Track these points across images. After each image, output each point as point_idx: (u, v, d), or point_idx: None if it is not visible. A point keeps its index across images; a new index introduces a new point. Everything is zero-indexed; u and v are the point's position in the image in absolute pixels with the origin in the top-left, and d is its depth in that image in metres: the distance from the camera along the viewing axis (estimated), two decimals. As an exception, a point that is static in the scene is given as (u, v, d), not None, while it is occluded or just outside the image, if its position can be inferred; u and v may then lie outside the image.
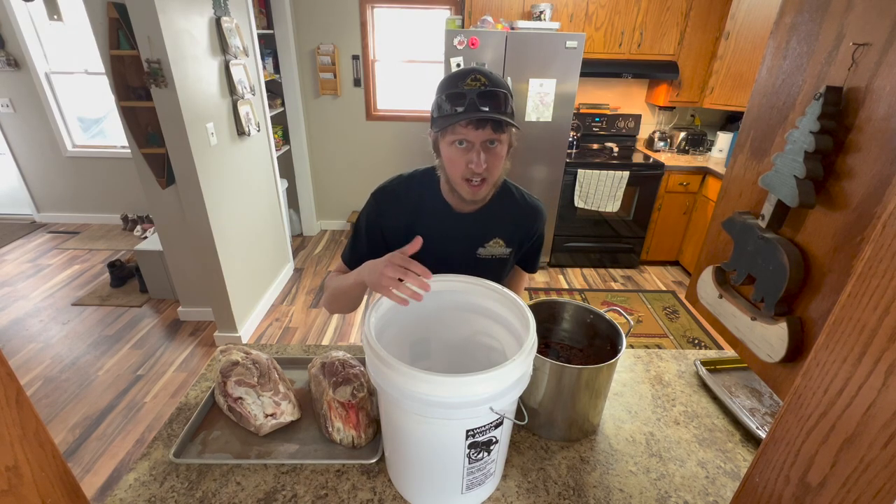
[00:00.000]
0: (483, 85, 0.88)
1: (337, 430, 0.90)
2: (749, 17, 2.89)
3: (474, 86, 0.88)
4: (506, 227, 1.09)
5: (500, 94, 0.89)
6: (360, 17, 3.50)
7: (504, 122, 0.89)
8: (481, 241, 1.08)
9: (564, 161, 3.25)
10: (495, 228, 1.09)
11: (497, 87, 0.89)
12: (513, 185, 1.13)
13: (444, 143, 0.94)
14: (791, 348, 0.64)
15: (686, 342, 2.81)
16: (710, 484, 0.87)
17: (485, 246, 1.09)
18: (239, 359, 1.00)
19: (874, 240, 0.41)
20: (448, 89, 0.90)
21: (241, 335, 2.63)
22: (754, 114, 0.77)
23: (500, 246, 1.10)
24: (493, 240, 1.09)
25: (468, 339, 0.95)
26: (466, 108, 0.88)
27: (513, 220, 1.10)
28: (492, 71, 0.92)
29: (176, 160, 2.15)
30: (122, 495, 0.82)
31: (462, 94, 0.88)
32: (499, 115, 0.88)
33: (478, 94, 0.87)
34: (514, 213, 1.10)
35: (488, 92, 0.88)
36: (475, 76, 0.89)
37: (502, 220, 1.09)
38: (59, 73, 3.85)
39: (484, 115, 0.87)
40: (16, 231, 4.13)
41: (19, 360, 2.50)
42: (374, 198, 1.08)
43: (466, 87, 0.88)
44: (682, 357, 1.23)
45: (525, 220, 1.12)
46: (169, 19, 1.95)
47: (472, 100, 0.87)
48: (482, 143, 0.91)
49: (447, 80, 0.92)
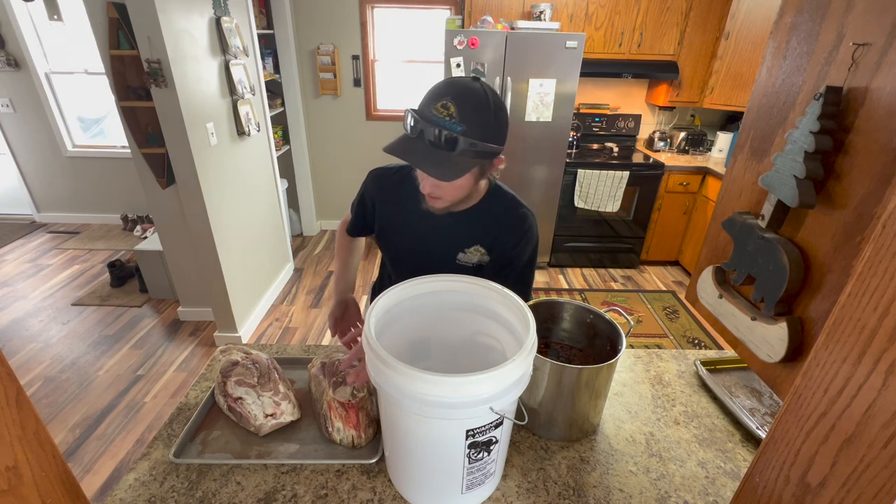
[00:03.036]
0: (449, 116, 0.82)
1: (337, 430, 0.90)
2: (749, 17, 2.89)
3: (441, 114, 0.82)
4: (489, 233, 1.04)
5: (448, 138, 0.82)
6: (360, 17, 3.50)
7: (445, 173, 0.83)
8: (462, 245, 1.05)
9: (564, 161, 3.25)
10: (478, 234, 1.04)
11: (463, 121, 0.82)
12: (506, 192, 1.06)
13: None
14: (791, 348, 0.64)
15: (686, 342, 2.81)
16: (710, 484, 0.87)
17: (465, 252, 1.06)
18: (239, 359, 1.00)
19: (874, 240, 0.41)
20: (420, 105, 0.86)
21: (241, 335, 2.63)
22: (754, 114, 0.77)
23: (480, 253, 1.06)
24: (475, 246, 1.05)
25: (468, 339, 0.95)
26: (413, 148, 0.84)
27: (501, 231, 1.04)
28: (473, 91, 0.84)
29: (176, 160, 2.15)
30: (122, 495, 0.82)
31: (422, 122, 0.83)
32: (443, 168, 0.83)
33: (434, 134, 0.82)
34: (504, 223, 1.04)
35: (438, 131, 0.82)
36: (445, 102, 0.82)
37: (486, 226, 1.04)
38: (59, 73, 3.85)
39: (424, 167, 0.84)
40: (16, 231, 4.13)
41: (19, 360, 2.50)
42: (367, 181, 1.13)
43: (434, 112, 0.83)
44: (682, 357, 1.23)
45: (514, 232, 1.04)
46: (169, 19, 1.95)
47: (420, 132, 0.83)
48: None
49: (427, 94, 0.86)
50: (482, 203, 1.03)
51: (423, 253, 1.08)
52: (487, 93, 0.85)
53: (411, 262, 1.12)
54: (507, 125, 0.91)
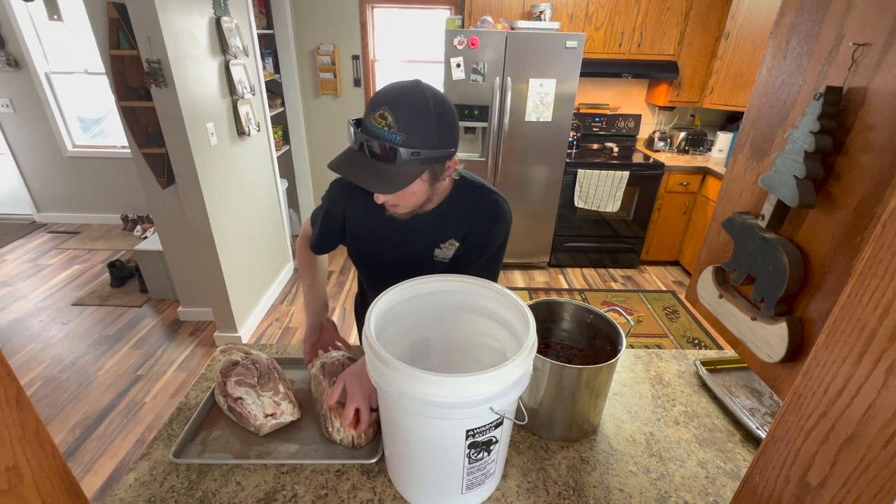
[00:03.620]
0: (388, 126, 0.79)
1: (337, 430, 0.90)
2: (749, 17, 2.89)
3: (380, 125, 0.80)
4: (463, 227, 1.03)
5: (388, 149, 0.80)
6: (360, 17, 3.50)
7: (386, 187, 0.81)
8: (437, 242, 1.04)
9: (564, 161, 3.25)
10: (451, 229, 1.03)
11: (401, 130, 0.79)
12: (473, 182, 1.04)
13: None
14: (791, 348, 0.64)
15: (686, 342, 2.81)
16: (710, 484, 0.87)
17: (440, 247, 1.05)
18: (239, 359, 1.00)
19: (874, 240, 0.41)
20: (364, 114, 0.83)
21: (241, 335, 2.63)
22: (754, 114, 0.77)
23: (455, 247, 1.05)
24: (449, 240, 1.04)
25: (468, 339, 0.95)
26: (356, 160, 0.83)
27: (475, 222, 1.02)
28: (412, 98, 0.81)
29: (176, 160, 2.15)
30: (122, 495, 0.82)
31: (363, 134, 0.81)
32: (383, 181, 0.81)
33: (375, 145, 0.80)
34: (475, 214, 1.02)
35: (378, 143, 0.80)
36: (383, 112, 0.79)
37: (461, 222, 1.02)
38: (59, 73, 3.85)
39: (365, 182, 0.82)
40: (16, 231, 4.13)
41: (19, 360, 2.50)
42: (334, 184, 1.08)
43: (373, 123, 0.80)
44: (682, 357, 1.23)
45: (485, 220, 1.02)
46: (169, 19, 1.95)
47: (361, 145, 0.82)
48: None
49: (368, 104, 0.83)
50: (450, 198, 1.01)
51: (399, 255, 1.08)
52: (427, 97, 0.81)
53: (388, 265, 1.11)
54: (456, 125, 0.87)
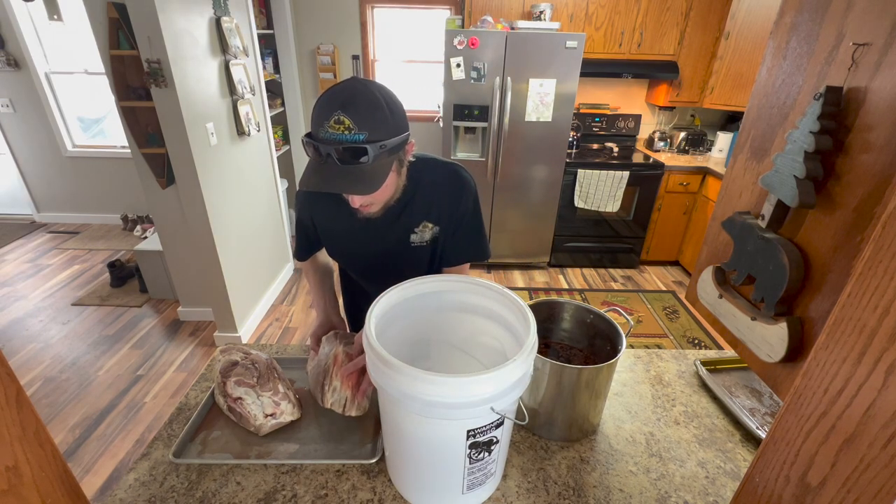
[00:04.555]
0: (347, 129, 0.79)
1: (333, 388, 0.88)
2: (749, 17, 2.89)
3: (338, 130, 0.79)
4: (432, 205, 1.04)
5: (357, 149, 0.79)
6: (360, 17, 3.50)
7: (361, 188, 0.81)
8: (412, 227, 1.05)
9: (564, 161, 3.25)
10: (423, 212, 1.04)
11: (362, 128, 0.79)
12: (426, 159, 1.05)
13: None
14: (791, 348, 0.64)
15: (686, 342, 2.81)
16: (710, 484, 0.87)
17: (415, 232, 1.06)
18: (238, 359, 1.00)
19: (874, 240, 0.41)
20: (313, 127, 0.83)
21: (241, 335, 2.63)
22: (754, 114, 0.77)
23: (429, 228, 1.06)
24: (422, 223, 1.05)
25: (468, 339, 0.95)
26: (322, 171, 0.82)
27: (439, 197, 1.04)
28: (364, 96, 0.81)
29: (176, 160, 2.15)
30: (122, 495, 0.82)
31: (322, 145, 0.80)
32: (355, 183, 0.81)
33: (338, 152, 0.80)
34: (439, 190, 1.04)
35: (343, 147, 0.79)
36: (339, 117, 0.78)
37: (429, 200, 1.03)
38: (59, 73, 3.85)
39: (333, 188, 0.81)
40: (16, 231, 4.13)
41: (19, 360, 2.50)
42: (299, 194, 1.10)
43: (330, 130, 0.79)
44: (682, 357, 1.23)
45: (451, 193, 1.04)
46: (169, 19, 1.95)
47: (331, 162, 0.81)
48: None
49: (314, 114, 0.82)
50: (410, 182, 1.01)
51: (377, 250, 1.09)
52: (372, 89, 0.82)
53: (368, 261, 1.13)
54: (403, 109, 0.88)
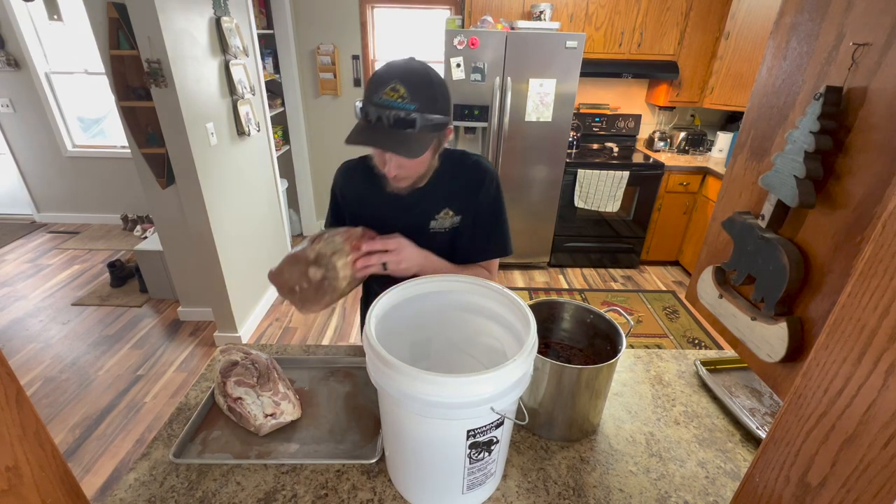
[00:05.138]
0: (401, 98, 0.86)
1: (343, 265, 0.90)
2: (749, 17, 2.89)
3: (392, 97, 0.86)
4: (454, 194, 1.09)
5: (407, 118, 0.87)
6: (360, 17, 3.50)
7: (411, 149, 0.88)
8: (432, 213, 1.09)
9: (564, 161, 3.25)
10: (445, 199, 1.09)
11: (415, 100, 0.87)
12: (453, 150, 1.11)
13: None
14: (791, 348, 0.64)
15: (686, 342, 2.81)
16: (710, 484, 0.87)
17: (436, 218, 1.09)
18: (238, 359, 1.00)
19: (874, 240, 0.41)
20: (368, 94, 0.90)
21: (241, 335, 2.64)
22: (754, 114, 0.77)
23: (450, 217, 1.10)
24: (444, 210, 1.09)
25: (468, 339, 0.95)
26: (374, 131, 0.88)
27: (462, 186, 1.09)
28: (418, 73, 0.89)
29: (176, 160, 2.15)
30: (122, 495, 0.82)
31: (376, 108, 0.87)
32: (405, 145, 0.88)
33: (392, 116, 0.86)
34: (463, 179, 1.09)
35: (402, 117, 0.86)
36: (395, 86, 0.86)
37: (452, 189, 1.08)
38: (59, 73, 3.85)
39: (388, 147, 0.89)
40: (16, 231, 4.13)
41: (19, 360, 2.50)
42: (336, 175, 1.18)
43: (385, 97, 0.87)
44: (682, 357, 1.23)
45: (473, 182, 1.09)
46: (169, 19, 1.95)
47: (383, 122, 0.87)
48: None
49: (371, 83, 0.90)
50: (443, 168, 1.07)
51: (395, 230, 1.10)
52: (428, 70, 0.91)
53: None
54: (450, 96, 0.95)
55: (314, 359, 1.14)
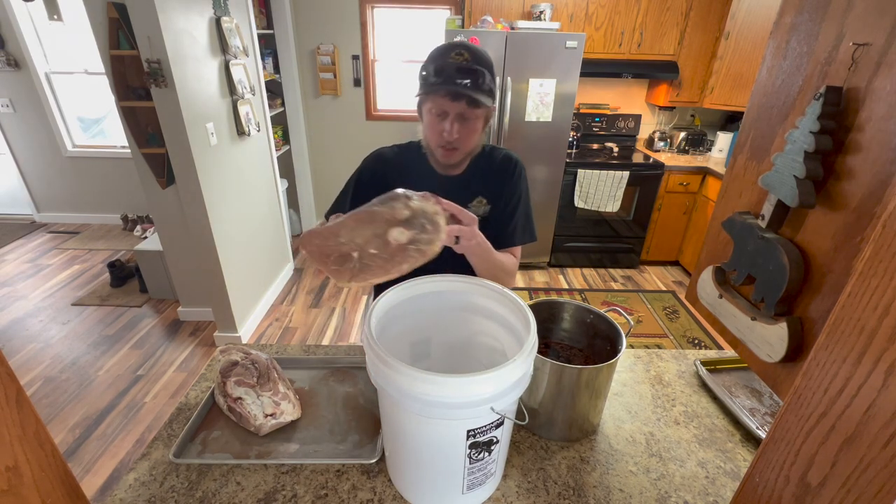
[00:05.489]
0: (466, 60, 0.95)
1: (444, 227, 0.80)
2: (749, 17, 2.89)
3: (458, 60, 0.95)
4: (487, 184, 1.15)
5: (480, 71, 0.96)
6: (360, 17, 3.50)
7: (477, 98, 0.96)
8: (465, 202, 1.12)
9: (564, 161, 3.25)
10: (478, 188, 1.14)
11: (477, 65, 0.96)
12: (486, 145, 1.18)
13: (425, 109, 1.04)
14: (791, 348, 0.64)
15: (686, 342, 2.81)
16: (710, 484, 0.87)
17: (469, 206, 1.13)
18: (238, 359, 1.00)
19: (874, 240, 0.41)
20: (434, 59, 0.98)
21: (241, 335, 2.64)
22: (754, 114, 0.77)
23: (482, 205, 1.15)
24: (477, 199, 1.14)
25: (468, 339, 0.95)
26: (445, 80, 0.96)
27: (493, 176, 1.15)
28: (479, 48, 0.99)
29: (176, 160, 2.15)
30: (122, 495, 0.82)
31: (444, 67, 0.95)
32: (475, 90, 0.96)
33: (458, 68, 0.95)
34: (494, 169, 1.15)
35: (469, 68, 0.95)
36: (460, 51, 0.96)
37: (484, 179, 1.15)
38: (59, 73, 3.85)
39: (459, 89, 0.95)
40: (16, 231, 4.13)
41: (19, 360, 2.50)
42: (366, 160, 1.20)
43: (451, 59, 0.95)
44: (682, 357, 1.23)
45: (503, 172, 1.15)
46: (169, 19, 1.95)
47: (451, 73, 0.95)
48: (457, 114, 0.99)
49: (435, 51, 0.99)
50: (478, 159, 1.15)
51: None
52: (481, 49, 1.01)
53: None
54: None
55: (314, 359, 1.14)
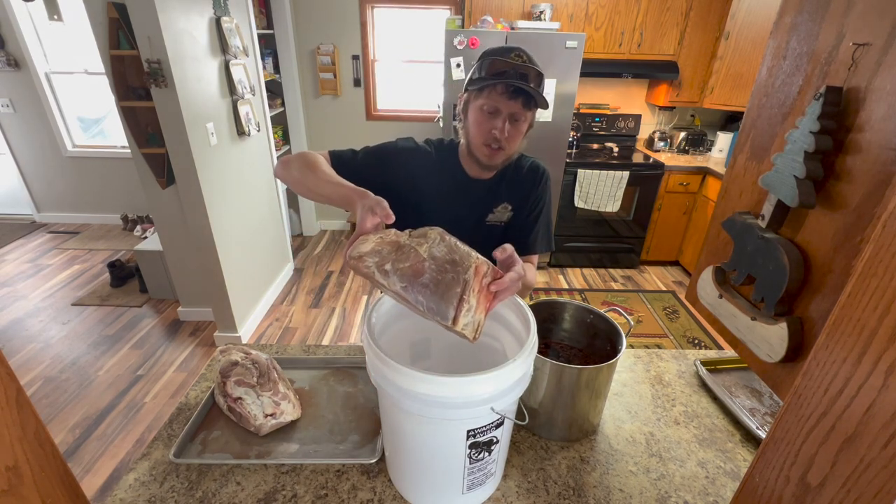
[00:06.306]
0: (524, 62, 0.97)
1: (468, 308, 0.65)
2: (749, 17, 2.89)
3: (517, 61, 0.96)
4: (513, 191, 1.15)
5: (538, 74, 0.98)
6: (360, 17, 3.50)
7: (535, 98, 0.97)
8: (491, 206, 1.14)
9: (564, 161, 3.25)
10: (504, 193, 1.15)
11: (536, 69, 0.98)
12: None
13: (474, 106, 1.02)
14: (791, 348, 0.64)
15: (686, 342, 2.81)
16: (710, 484, 0.87)
17: (493, 211, 1.15)
18: (238, 359, 1.00)
19: (874, 240, 0.41)
20: (492, 58, 0.98)
21: (241, 335, 2.63)
22: (754, 114, 0.77)
23: (507, 211, 1.16)
24: (502, 205, 1.15)
25: (468, 339, 0.95)
26: (504, 78, 0.96)
27: (519, 184, 1.16)
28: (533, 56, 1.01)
29: (176, 160, 2.15)
30: (122, 495, 0.82)
31: (503, 66, 0.96)
32: (533, 91, 0.96)
33: (517, 68, 0.96)
34: (520, 177, 1.16)
35: (527, 71, 0.96)
36: (518, 53, 0.97)
37: (511, 186, 1.15)
38: (59, 73, 3.85)
39: (521, 84, 0.95)
40: (16, 231, 4.13)
41: (19, 360, 2.50)
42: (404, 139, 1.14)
43: (511, 59, 0.96)
44: (682, 357, 1.23)
45: (529, 180, 1.16)
46: (169, 19, 1.95)
47: (510, 73, 0.96)
48: (509, 113, 0.99)
49: (491, 50, 1.00)
50: (508, 165, 1.15)
51: (456, 217, 1.13)
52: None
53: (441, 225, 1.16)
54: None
55: (314, 359, 1.14)
